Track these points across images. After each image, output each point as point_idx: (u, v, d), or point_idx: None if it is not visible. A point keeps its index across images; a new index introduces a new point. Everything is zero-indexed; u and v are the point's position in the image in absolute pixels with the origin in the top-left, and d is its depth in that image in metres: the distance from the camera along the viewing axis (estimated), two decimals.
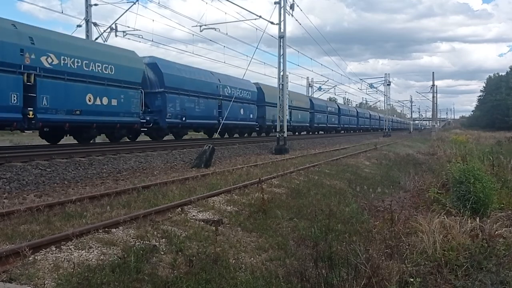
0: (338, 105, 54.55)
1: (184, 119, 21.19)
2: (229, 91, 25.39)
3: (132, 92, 17.78)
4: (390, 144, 32.39)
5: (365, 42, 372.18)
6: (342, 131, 53.54)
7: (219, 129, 22.65)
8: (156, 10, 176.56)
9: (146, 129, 20.04)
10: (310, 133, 43.07)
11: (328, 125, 47.80)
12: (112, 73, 16.60)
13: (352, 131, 57.73)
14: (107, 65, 16.39)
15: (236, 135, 28.89)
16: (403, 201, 10.80)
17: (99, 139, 20.38)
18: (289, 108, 33.54)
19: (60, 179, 10.53)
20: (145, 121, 18.99)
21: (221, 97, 24.74)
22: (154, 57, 21.20)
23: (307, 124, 40.70)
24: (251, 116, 28.81)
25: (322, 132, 46.45)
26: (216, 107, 24.38)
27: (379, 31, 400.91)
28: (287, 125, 32.16)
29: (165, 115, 20.03)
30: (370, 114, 71.91)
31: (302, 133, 41.79)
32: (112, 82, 16.57)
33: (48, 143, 16.79)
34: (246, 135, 30.68)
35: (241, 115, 27.38)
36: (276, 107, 29.61)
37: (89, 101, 15.57)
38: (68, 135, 17.05)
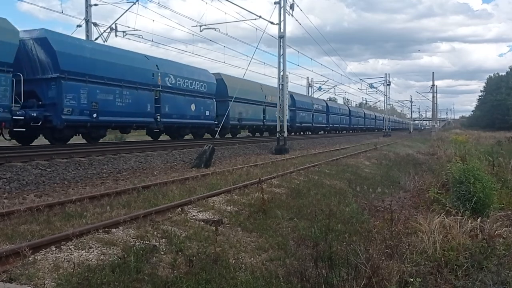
0: (326, 103, 49.16)
1: (95, 115, 15.81)
2: (173, 81, 20.41)
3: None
4: (390, 144, 32.39)
5: (365, 42, 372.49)
6: (334, 131, 49.54)
7: (158, 129, 19.14)
8: (156, 10, 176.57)
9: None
10: (293, 133, 36.88)
11: (314, 125, 42.32)
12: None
13: (344, 131, 53.43)
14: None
15: (187, 136, 24.34)
16: (403, 201, 10.81)
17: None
18: (262, 105, 29.83)
19: (60, 179, 10.53)
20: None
21: (159, 88, 19.37)
22: (44, 29, 15.13)
23: (288, 124, 35.70)
24: (207, 113, 23.44)
25: (309, 133, 41.95)
26: (150, 101, 18.82)
27: (379, 31, 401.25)
28: (261, 125, 29.92)
29: (60, 110, 14.65)
30: (365, 113, 68.84)
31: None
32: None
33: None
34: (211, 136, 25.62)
35: (192, 112, 21.93)
36: (246, 103, 27.56)
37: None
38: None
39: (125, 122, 17.82)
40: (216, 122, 23.71)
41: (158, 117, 19.13)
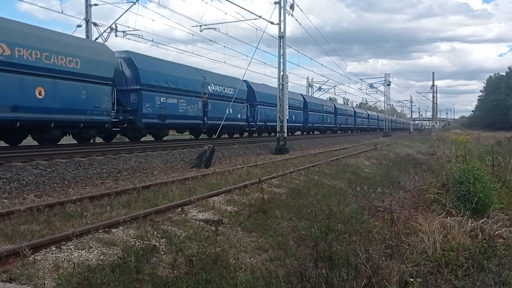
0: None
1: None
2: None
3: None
4: (390, 144, 32.39)
5: (365, 42, 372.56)
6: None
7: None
8: (156, 10, 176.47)
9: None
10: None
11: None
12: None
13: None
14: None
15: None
16: (403, 201, 10.82)
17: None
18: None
19: (60, 179, 10.53)
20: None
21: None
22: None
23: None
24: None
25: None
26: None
27: (379, 31, 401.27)
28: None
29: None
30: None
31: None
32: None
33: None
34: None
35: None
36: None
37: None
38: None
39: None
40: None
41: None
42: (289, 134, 34.99)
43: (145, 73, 18.87)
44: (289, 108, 32.09)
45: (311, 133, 42.67)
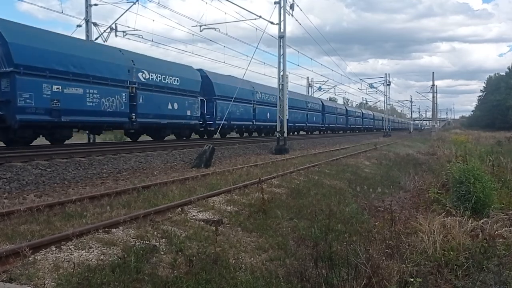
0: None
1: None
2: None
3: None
4: (390, 144, 32.39)
5: (364, 42, 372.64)
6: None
7: None
8: (156, 10, 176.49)
9: None
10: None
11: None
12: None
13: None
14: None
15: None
16: (403, 201, 10.82)
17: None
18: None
19: (60, 179, 10.53)
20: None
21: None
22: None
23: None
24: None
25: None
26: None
27: (378, 31, 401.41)
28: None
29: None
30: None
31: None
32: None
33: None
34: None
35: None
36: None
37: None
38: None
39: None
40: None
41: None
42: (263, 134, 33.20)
43: (22, 49, 13.44)
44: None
45: (291, 134, 37.46)
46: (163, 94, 19.74)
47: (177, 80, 20.84)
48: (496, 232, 6.73)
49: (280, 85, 23.04)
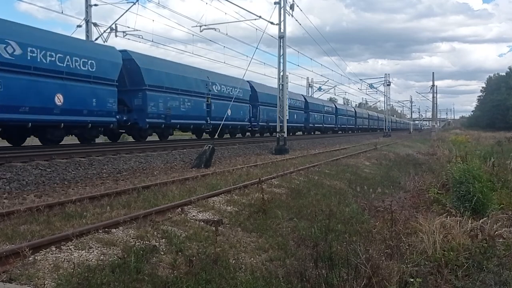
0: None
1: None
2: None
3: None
4: (390, 144, 32.39)
5: (364, 42, 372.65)
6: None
7: None
8: (156, 10, 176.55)
9: None
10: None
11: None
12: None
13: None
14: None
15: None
16: (403, 201, 10.80)
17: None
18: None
19: (60, 179, 10.53)
20: None
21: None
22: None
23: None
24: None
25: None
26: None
27: (378, 31, 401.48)
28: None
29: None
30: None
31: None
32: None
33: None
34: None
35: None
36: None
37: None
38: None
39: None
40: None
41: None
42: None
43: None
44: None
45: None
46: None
47: (93, 63, 16.33)
48: (496, 232, 6.74)
49: (280, 85, 23.04)
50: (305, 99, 40.78)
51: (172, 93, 20.23)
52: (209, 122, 23.30)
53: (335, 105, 51.00)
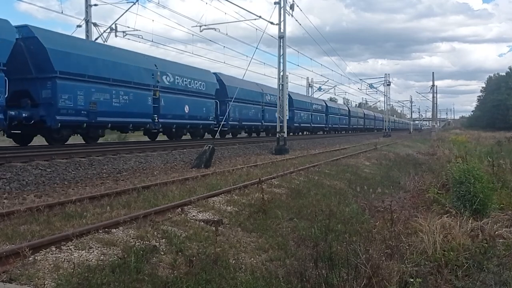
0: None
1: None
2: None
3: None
4: (390, 145, 32.39)
5: (364, 42, 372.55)
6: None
7: None
8: (156, 10, 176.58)
9: None
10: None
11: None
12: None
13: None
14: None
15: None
16: (403, 201, 10.81)
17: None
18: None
19: (60, 179, 10.53)
20: None
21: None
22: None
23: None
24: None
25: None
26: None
27: (378, 31, 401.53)
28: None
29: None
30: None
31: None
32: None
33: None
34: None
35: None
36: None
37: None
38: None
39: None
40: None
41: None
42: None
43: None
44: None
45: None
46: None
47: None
48: (496, 232, 6.74)
49: (280, 85, 23.04)
50: (289, 95, 33.78)
51: (99, 83, 15.71)
52: (157, 120, 18.93)
53: (325, 103, 46.76)
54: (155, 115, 18.78)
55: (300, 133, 39.67)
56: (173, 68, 20.73)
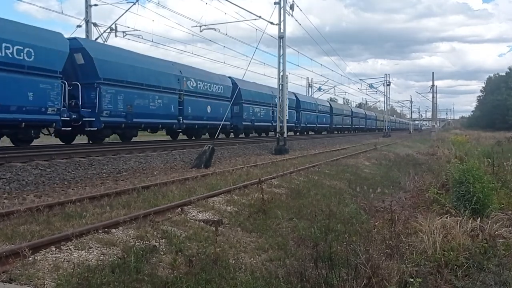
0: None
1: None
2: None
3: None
4: (390, 145, 32.40)
5: (364, 42, 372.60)
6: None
7: None
8: (156, 10, 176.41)
9: None
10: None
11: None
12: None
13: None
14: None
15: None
16: (403, 201, 10.81)
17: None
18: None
19: (60, 179, 10.53)
20: None
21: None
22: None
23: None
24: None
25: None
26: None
27: (378, 31, 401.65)
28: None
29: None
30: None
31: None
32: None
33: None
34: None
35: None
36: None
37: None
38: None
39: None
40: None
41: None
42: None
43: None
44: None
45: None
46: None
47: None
48: (496, 232, 6.73)
49: (280, 85, 23.04)
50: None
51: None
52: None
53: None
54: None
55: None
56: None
